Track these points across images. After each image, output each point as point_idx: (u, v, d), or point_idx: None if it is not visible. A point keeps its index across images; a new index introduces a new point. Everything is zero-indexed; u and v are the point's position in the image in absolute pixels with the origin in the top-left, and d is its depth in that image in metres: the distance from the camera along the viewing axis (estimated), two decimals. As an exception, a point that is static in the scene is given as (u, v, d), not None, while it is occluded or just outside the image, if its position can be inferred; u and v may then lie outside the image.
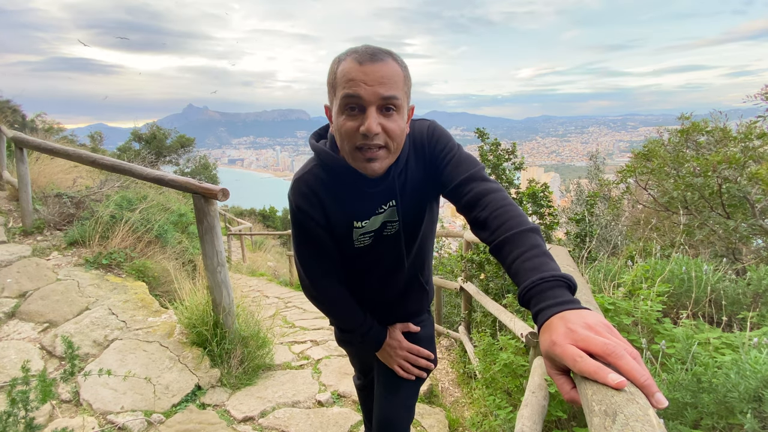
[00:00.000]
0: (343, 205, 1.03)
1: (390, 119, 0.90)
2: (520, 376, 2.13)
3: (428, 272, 1.28)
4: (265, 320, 3.11)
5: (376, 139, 0.89)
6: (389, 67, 0.89)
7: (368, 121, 0.87)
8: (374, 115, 0.88)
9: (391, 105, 0.89)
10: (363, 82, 0.87)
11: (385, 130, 0.90)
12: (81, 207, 4.23)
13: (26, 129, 8.48)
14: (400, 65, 0.92)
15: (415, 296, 1.27)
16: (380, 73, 0.87)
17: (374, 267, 1.17)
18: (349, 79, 0.87)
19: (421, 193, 1.07)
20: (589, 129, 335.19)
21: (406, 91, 0.93)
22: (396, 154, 0.96)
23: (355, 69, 0.87)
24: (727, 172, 3.38)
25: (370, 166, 0.92)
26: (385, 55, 0.90)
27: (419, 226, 1.12)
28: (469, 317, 3.75)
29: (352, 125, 0.89)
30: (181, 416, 2.20)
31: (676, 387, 1.30)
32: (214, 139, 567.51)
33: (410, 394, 1.29)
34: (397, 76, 0.90)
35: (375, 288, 1.22)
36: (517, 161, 4.57)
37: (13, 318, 2.87)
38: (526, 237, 0.81)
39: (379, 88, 0.87)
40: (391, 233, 1.10)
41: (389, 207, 1.06)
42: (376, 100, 0.87)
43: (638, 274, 2.03)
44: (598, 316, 0.63)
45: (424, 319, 1.33)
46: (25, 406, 1.31)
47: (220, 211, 5.33)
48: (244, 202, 34.74)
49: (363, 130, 0.88)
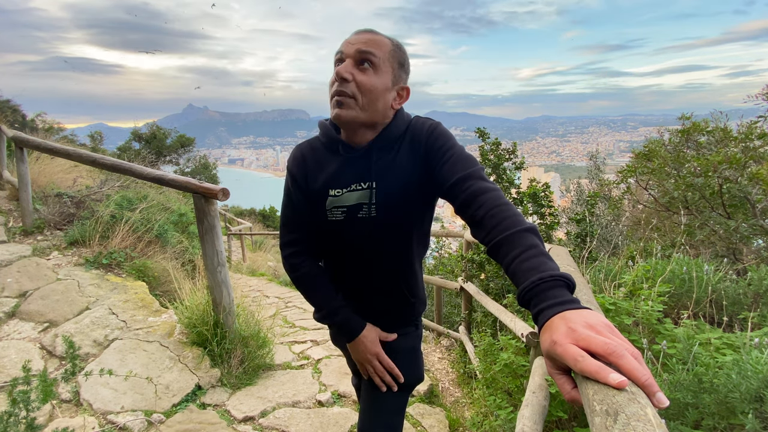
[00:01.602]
0: (323, 170, 1.09)
1: (363, 73, 0.99)
2: (520, 376, 2.13)
3: (415, 284, 1.20)
4: (266, 320, 3.11)
5: (346, 87, 0.98)
6: (374, 36, 1.01)
7: (341, 66, 0.99)
8: (349, 64, 0.99)
9: (366, 59, 0.99)
10: (348, 42, 1.01)
11: (356, 80, 0.98)
12: (81, 207, 4.23)
13: (26, 129, 8.49)
14: (390, 40, 1.04)
15: (398, 306, 1.21)
16: (365, 36, 1.01)
17: (351, 255, 1.13)
18: (340, 47, 1.02)
19: (406, 187, 1.04)
20: (590, 129, 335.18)
21: (390, 61, 1.02)
22: (369, 113, 1.01)
23: (347, 39, 1.02)
24: (727, 172, 3.38)
25: (337, 111, 1.00)
26: (375, 31, 1.03)
27: (400, 220, 1.08)
28: (469, 317, 3.75)
29: (332, 78, 1.01)
30: (182, 416, 2.20)
31: (677, 387, 1.30)
32: (214, 138, 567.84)
33: (393, 411, 1.21)
34: (381, 42, 1.01)
35: (355, 290, 1.18)
36: (517, 161, 4.57)
37: (13, 318, 2.87)
38: (522, 237, 0.80)
39: (358, 45, 0.99)
40: (365, 216, 1.06)
41: (367, 187, 1.04)
42: (354, 53, 0.99)
43: (639, 274, 2.03)
44: (598, 316, 0.63)
45: (410, 332, 1.25)
46: (26, 406, 1.31)
47: (220, 211, 5.33)
48: (244, 201, 34.76)
49: (335, 72, 0.99)
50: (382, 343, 1.19)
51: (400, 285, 1.17)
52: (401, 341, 1.22)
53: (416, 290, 1.22)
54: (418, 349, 1.29)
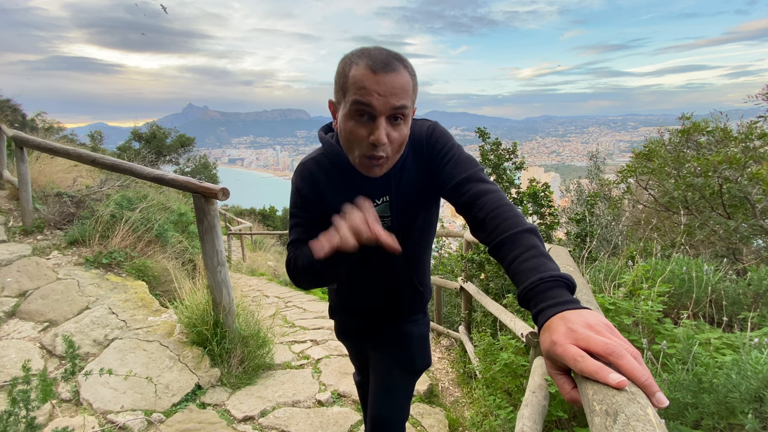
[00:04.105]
0: (339, 194, 1.04)
1: (397, 129, 0.92)
2: (520, 376, 2.13)
3: (424, 274, 1.26)
4: (265, 320, 3.12)
5: (383, 150, 0.91)
6: (402, 78, 0.89)
7: (378, 132, 0.89)
8: (383, 125, 0.89)
9: (400, 114, 0.90)
10: (376, 92, 0.87)
11: (391, 139, 0.91)
12: (81, 206, 4.23)
13: (26, 128, 8.48)
14: (410, 74, 0.93)
15: (409, 296, 1.26)
16: (393, 83, 0.88)
17: (365, 261, 1.15)
18: (361, 87, 0.87)
19: (417, 191, 1.07)
20: (590, 129, 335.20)
21: (413, 98, 0.95)
22: (397, 155, 0.98)
23: (369, 77, 0.87)
24: (727, 172, 3.38)
25: (374, 171, 0.95)
26: (398, 64, 0.90)
27: (413, 224, 1.12)
28: (469, 317, 3.75)
29: (362, 133, 0.90)
30: (182, 416, 2.20)
31: (677, 387, 1.30)
32: (214, 138, 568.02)
33: (404, 393, 1.28)
34: (408, 85, 0.91)
35: (367, 284, 1.22)
36: (517, 161, 4.57)
37: (13, 317, 2.87)
38: (523, 238, 0.80)
39: (391, 99, 0.88)
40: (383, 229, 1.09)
41: (383, 202, 1.07)
42: (387, 110, 0.88)
43: (639, 274, 2.03)
44: (598, 316, 0.63)
45: (419, 318, 1.32)
46: (25, 405, 1.31)
47: (220, 211, 5.33)
48: (244, 201, 34.76)
49: (373, 140, 0.89)
50: (393, 331, 1.27)
51: (411, 276, 1.22)
52: (412, 328, 1.29)
53: (425, 279, 1.27)
54: (427, 336, 1.36)
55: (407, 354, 1.29)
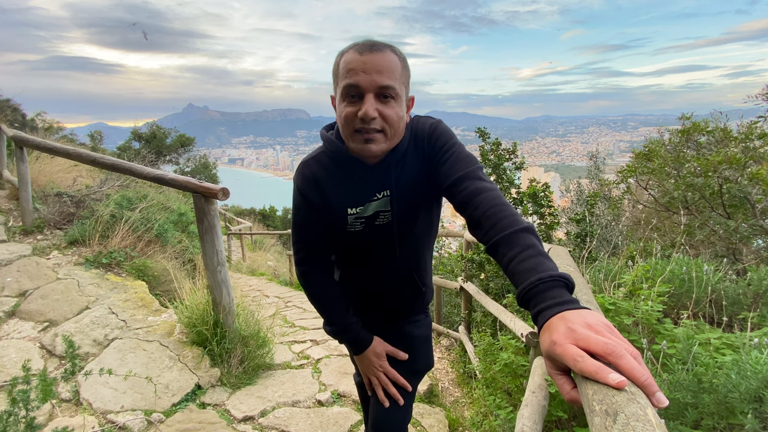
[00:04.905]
0: (340, 190, 1.08)
1: (387, 106, 0.95)
2: (520, 376, 2.13)
3: (425, 273, 1.26)
4: (265, 320, 3.11)
5: (373, 123, 0.95)
6: (386, 57, 0.95)
7: (365, 106, 0.93)
8: (371, 101, 0.94)
9: (388, 93, 0.95)
10: (362, 71, 0.93)
11: (383, 115, 0.95)
12: (81, 206, 4.23)
13: (26, 128, 8.48)
14: (399, 56, 0.98)
15: (410, 295, 1.26)
16: (378, 62, 0.94)
17: (367, 257, 1.18)
18: (349, 69, 0.94)
19: (417, 187, 1.08)
20: (590, 129, 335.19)
21: (403, 81, 0.99)
22: (393, 140, 1.01)
23: (355, 59, 0.94)
24: (727, 172, 3.38)
25: (368, 147, 0.97)
26: (384, 47, 0.96)
27: (413, 220, 1.12)
28: (469, 317, 3.75)
29: (352, 110, 0.95)
30: (181, 415, 2.20)
31: (677, 387, 1.30)
32: (214, 138, 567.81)
33: (406, 395, 1.28)
34: (394, 65, 0.96)
35: (368, 282, 1.23)
36: (517, 161, 4.57)
37: (13, 317, 2.87)
38: (520, 237, 0.80)
39: (376, 77, 0.93)
40: (383, 223, 1.10)
41: (383, 196, 1.08)
42: (374, 88, 0.93)
43: (639, 274, 2.03)
44: (598, 316, 0.63)
45: (421, 319, 1.32)
46: (25, 405, 1.31)
47: (220, 211, 5.33)
48: (244, 201, 34.76)
49: (361, 114, 0.94)
50: (394, 332, 1.27)
51: (413, 276, 1.23)
52: (414, 329, 1.30)
53: (426, 279, 1.28)
54: (429, 337, 1.37)
55: (409, 355, 1.29)
